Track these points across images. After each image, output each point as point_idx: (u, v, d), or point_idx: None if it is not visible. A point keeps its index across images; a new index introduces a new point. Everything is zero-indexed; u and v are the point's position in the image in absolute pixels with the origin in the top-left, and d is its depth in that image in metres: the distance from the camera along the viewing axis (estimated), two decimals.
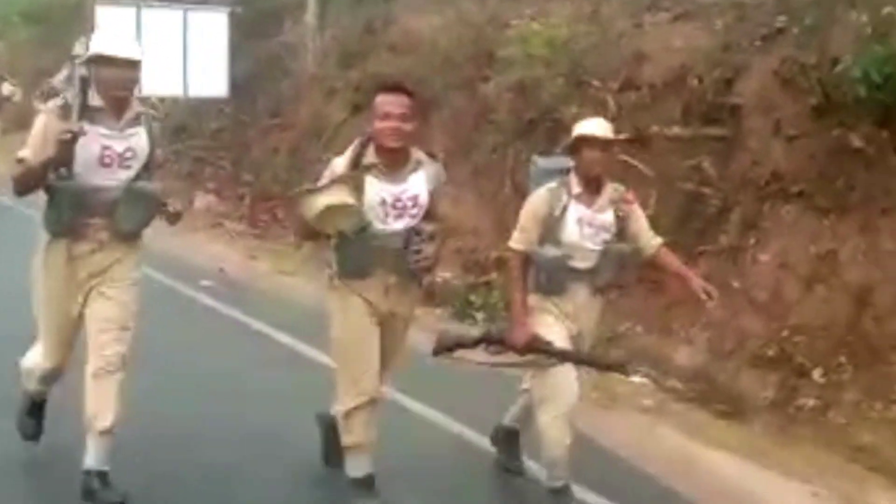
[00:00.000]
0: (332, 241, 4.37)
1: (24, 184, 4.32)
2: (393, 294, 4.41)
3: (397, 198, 4.32)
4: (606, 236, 4.58)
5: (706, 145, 7.38)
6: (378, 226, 4.28)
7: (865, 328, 6.07)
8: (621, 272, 4.76)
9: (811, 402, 5.91)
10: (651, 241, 4.69)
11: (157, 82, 10.10)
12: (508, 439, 5.04)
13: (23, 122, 11.72)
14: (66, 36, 11.44)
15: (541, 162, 4.93)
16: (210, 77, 11.25)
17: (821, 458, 5.40)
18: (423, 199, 4.37)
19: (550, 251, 4.54)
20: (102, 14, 11.13)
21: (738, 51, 7.42)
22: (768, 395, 6.12)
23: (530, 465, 4.90)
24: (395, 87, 4.33)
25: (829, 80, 6.55)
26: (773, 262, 6.63)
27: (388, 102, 4.23)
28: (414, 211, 4.36)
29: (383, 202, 4.28)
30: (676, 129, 7.54)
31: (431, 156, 4.56)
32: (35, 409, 4.79)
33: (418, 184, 4.37)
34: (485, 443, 5.14)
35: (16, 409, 4.75)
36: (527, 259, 4.59)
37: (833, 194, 6.55)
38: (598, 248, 4.56)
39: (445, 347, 4.90)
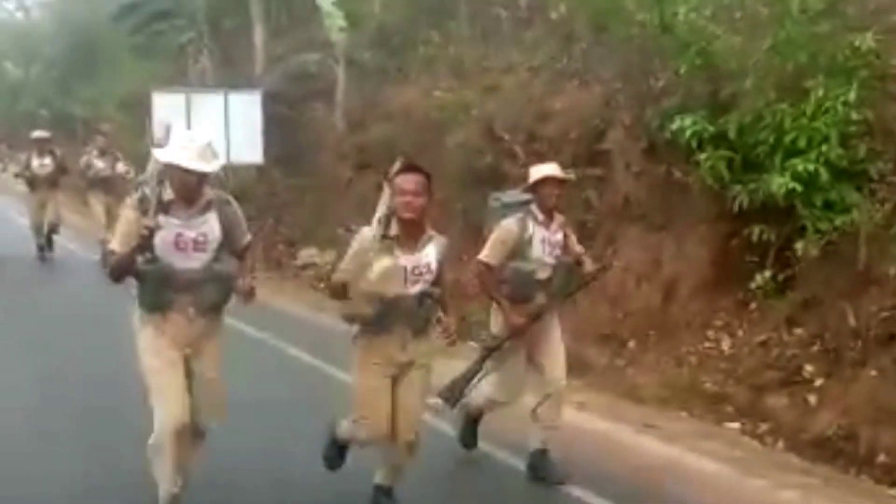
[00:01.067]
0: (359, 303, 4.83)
1: (117, 270, 4.79)
2: (410, 346, 4.95)
3: (416, 266, 4.86)
4: (558, 252, 5.72)
5: (590, 182, 9.56)
6: (400, 291, 4.82)
7: (671, 310, 8.18)
8: (568, 279, 5.89)
9: (622, 363, 8.06)
10: (578, 250, 5.94)
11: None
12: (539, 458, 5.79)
13: None
14: None
15: (504, 197, 5.88)
16: (248, 147, 13.79)
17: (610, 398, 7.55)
18: (434, 266, 4.93)
19: (523, 266, 5.58)
20: (158, 100, 13.91)
21: (611, 108, 9.64)
22: (603, 361, 8.27)
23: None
24: (409, 168, 4.88)
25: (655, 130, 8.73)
26: (621, 267, 8.74)
27: (405, 181, 4.77)
28: (427, 277, 4.90)
29: (405, 270, 4.82)
30: (570, 171, 9.72)
31: (439, 232, 5.07)
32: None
33: (431, 254, 4.92)
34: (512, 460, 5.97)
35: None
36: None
37: (661, 214, 8.70)
38: (553, 261, 5.68)
39: (456, 399, 5.77)
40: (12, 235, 15.69)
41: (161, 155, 4.74)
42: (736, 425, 6.86)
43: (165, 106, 13.64)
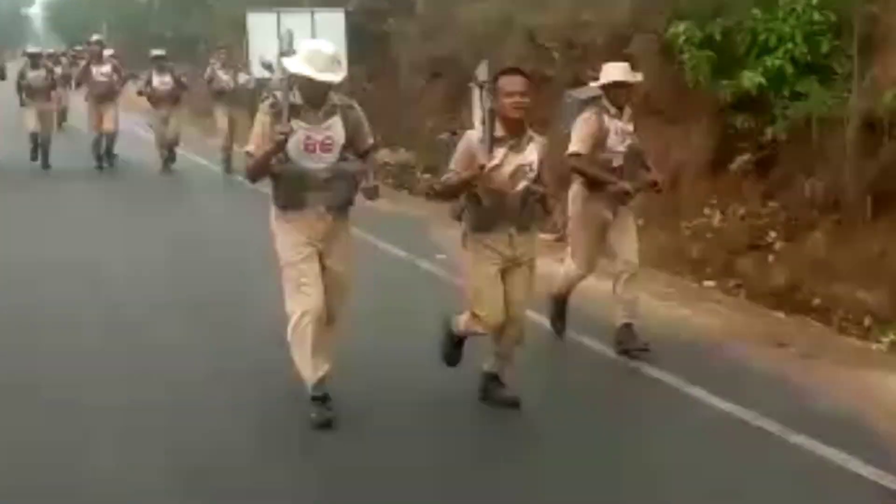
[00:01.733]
0: (465, 203, 5.09)
1: (254, 172, 5.11)
2: (516, 242, 5.12)
3: (521, 164, 5.04)
4: (629, 141, 6.15)
5: None
6: (505, 188, 5.02)
7: (677, 191, 9.47)
8: (636, 164, 6.29)
9: None
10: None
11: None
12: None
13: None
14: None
15: (575, 94, 6.36)
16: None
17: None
18: (536, 164, 5.07)
19: (602, 155, 6.01)
20: (252, 19, 15.54)
21: (635, 17, 10.79)
22: None
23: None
24: (513, 70, 5.08)
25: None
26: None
27: (511, 82, 4.95)
28: (530, 175, 5.06)
29: (510, 167, 5.01)
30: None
31: (539, 132, 5.23)
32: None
33: (533, 153, 5.08)
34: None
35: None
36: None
37: (673, 109, 9.92)
38: (625, 150, 6.11)
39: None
40: (139, 150, 16.54)
41: (290, 65, 4.96)
42: (712, 283, 8.18)
43: (259, 25, 15.26)
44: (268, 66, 14.00)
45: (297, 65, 4.90)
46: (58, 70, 18.51)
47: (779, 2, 8.15)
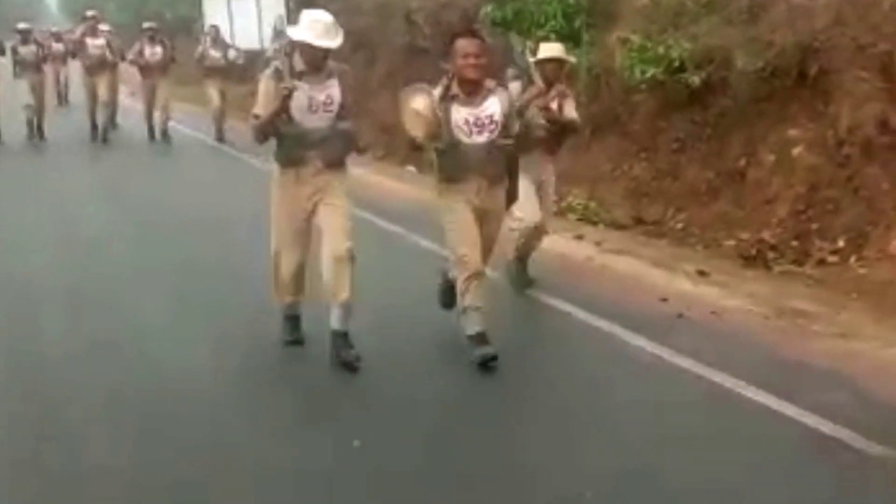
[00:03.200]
0: (435, 154, 5.44)
1: (261, 131, 5.45)
2: (483, 194, 5.47)
3: (477, 117, 5.36)
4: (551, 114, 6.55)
5: None
6: (465, 140, 5.34)
7: None
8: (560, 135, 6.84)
9: None
10: (572, 115, 6.82)
11: (245, 40, 17.38)
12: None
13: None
14: None
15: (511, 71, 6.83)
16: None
17: None
18: (498, 117, 5.38)
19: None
20: (207, 4, 18.70)
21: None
22: None
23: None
24: (469, 32, 5.49)
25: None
26: None
27: (468, 44, 5.30)
28: (492, 127, 5.39)
29: (467, 122, 5.32)
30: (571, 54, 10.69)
31: (501, 85, 5.59)
32: None
33: (492, 106, 5.39)
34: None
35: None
36: None
37: None
38: (544, 122, 6.38)
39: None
40: (131, 120, 17.42)
41: (293, 33, 5.46)
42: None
43: (213, 4, 18.42)
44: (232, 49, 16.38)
45: (299, 32, 5.40)
46: (59, 47, 20.12)
47: None
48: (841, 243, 7.53)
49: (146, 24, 16.61)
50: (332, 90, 5.47)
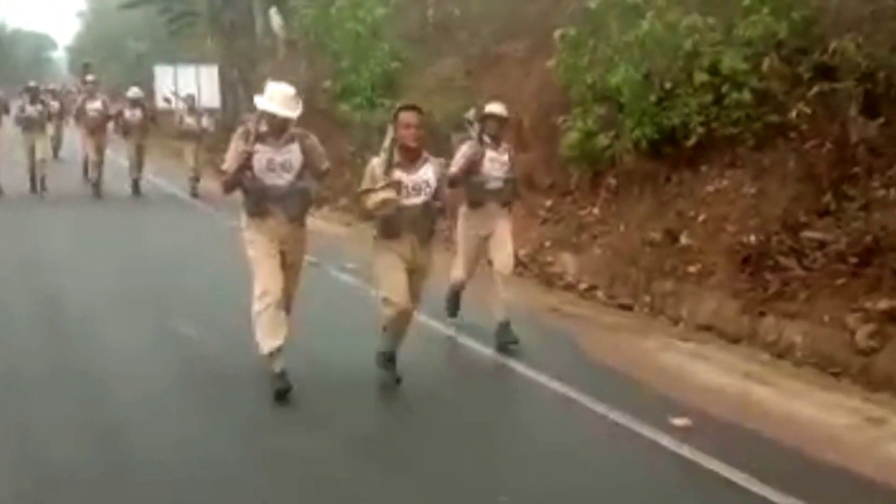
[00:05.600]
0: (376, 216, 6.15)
1: (228, 185, 6.32)
2: (416, 249, 6.28)
3: (415, 183, 6.17)
4: (506, 169, 7.64)
5: None
6: (404, 202, 6.09)
7: None
8: (513, 190, 7.82)
9: None
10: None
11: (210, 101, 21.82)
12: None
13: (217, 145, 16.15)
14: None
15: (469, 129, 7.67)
16: (210, 97, 22.53)
17: None
18: (432, 182, 6.25)
19: (475, 178, 7.48)
20: (158, 71, 23.42)
21: None
22: None
23: None
24: (410, 107, 6.27)
25: None
26: None
27: (409, 116, 6.15)
28: (427, 190, 6.22)
29: (406, 186, 6.10)
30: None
31: (435, 156, 6.40)
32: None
33: (428, 172, 6.24)
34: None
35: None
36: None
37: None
38: (503, 175, 7.63)
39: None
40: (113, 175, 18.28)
41: (258, 102, 6.11)
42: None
43: (162, 73, 23.18)
44: (167, 100, 21.76)
45: (263, 102, 6.08)
46: (55, 104, 20.58)
47: None
48: None
49: (131, 93, 17.86)
50: (293, 154, 6.24)
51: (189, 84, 22.02)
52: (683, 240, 9.16)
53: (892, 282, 7.08)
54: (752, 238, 8.31)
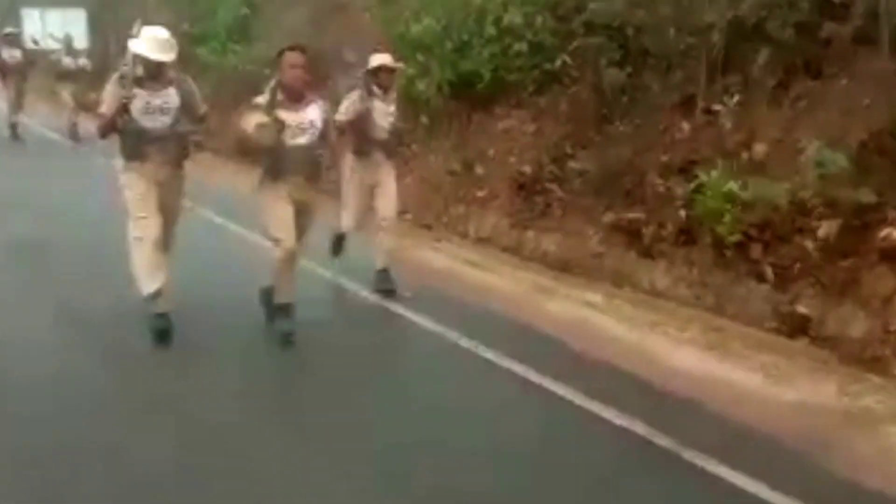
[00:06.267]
0: (263, 155, 6.28)
1: (104, 129, 6.32)
2: (303, 188, 6.38)
3: (300, 122, 6.25)
4: (392, 119, 7.80)
5: None
6: (289, 142, 6.19)
7: None
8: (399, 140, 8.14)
9: None
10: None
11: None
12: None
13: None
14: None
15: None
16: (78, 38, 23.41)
17: None
18: (318, 123, 6.35)
19: (363, 128, 7.59)
20: (25, 14, 23.99)
21: None
22: None
23: None
24: (296, 48, 6.33)
25: None
26: None
27: (292, 57, 6.22)
28: (312, 131, 6.31)
29: (290, 125, 6.16)
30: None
31: (321, 97, 6.55)
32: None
33: (313, 113, 6.34)
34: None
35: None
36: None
37: None
38: (388, 127, 7.76)
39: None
40: None
41: (132, 46, 6.13)
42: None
43: (29, 15, 23.74)
44: (35, 42, 22.37)
45: (137, 46, 6.12)
46: None
47: None
48: None
49: (6, 30, 18.08)
50: (170, 97, 6.32)
51: (56, 27, 22.73)
52: (478, 170, 10.78)
53: (621, 200, 8.82)
54: (528, 168, 9.99)
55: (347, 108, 7.61)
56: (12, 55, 17.54)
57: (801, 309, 6.86)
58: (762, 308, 7.15)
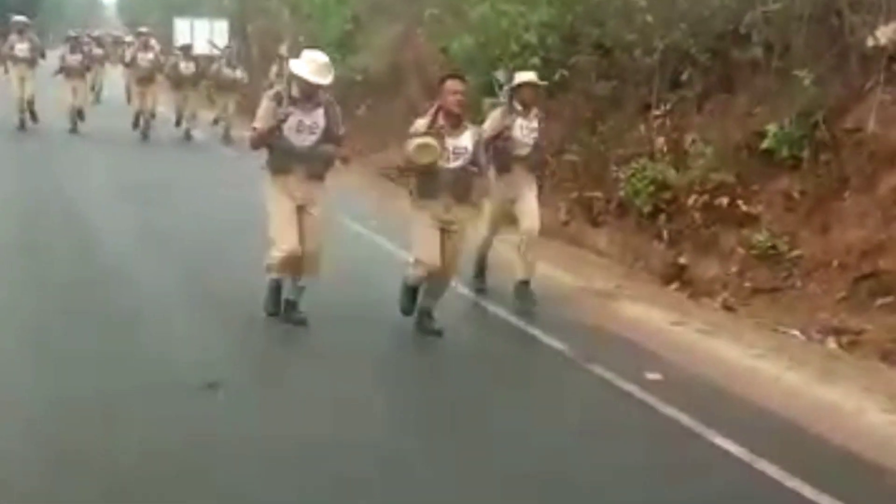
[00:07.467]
0: (415, 175, 6.60)
1: (256, 143, 6.70)
2: (452, 208, 6.68)
3: (456, 147, 6.56)
4: (535, 135, 7.85)
5: None
6: (444, 165, 6.50)
7: None
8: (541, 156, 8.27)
9: None
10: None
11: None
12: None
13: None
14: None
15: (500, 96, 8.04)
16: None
17: None
18: (471, 148, 6.68)
19: (504, 144, 7.69)
20: (178, 23, 27.58)
21: None
22: None
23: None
24: (456, 76, 6.76)
25: None
26: None
27: (453, 84, 6.57)
28: (465, 156, 6.64)
29: (447, 150, 6.47)
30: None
31: (473, 123, 6.88)
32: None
33: (467, 139, 6.66)
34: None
35: None
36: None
37: None
38: (531, 142, 7.83)
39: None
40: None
41: (292, 67, 6.58)
42: None
43: (182, 26, 27.35)
44: (214, 46, 24.78)
45: (298, 67, 6.53)
46: (98, 51, 22.86)
47: None
48: None
49: (183, 43, 20.60)
50: (319, 118, 6.63)
51: (202, 36, 26.21)
52: None
53: (589, 183, 11.28)
54: None
55: (489, 125, 7.77)
56: (187, 66, 18.82)
57: (682, 260, 9.28)
58: (659, 262, 9.59)
